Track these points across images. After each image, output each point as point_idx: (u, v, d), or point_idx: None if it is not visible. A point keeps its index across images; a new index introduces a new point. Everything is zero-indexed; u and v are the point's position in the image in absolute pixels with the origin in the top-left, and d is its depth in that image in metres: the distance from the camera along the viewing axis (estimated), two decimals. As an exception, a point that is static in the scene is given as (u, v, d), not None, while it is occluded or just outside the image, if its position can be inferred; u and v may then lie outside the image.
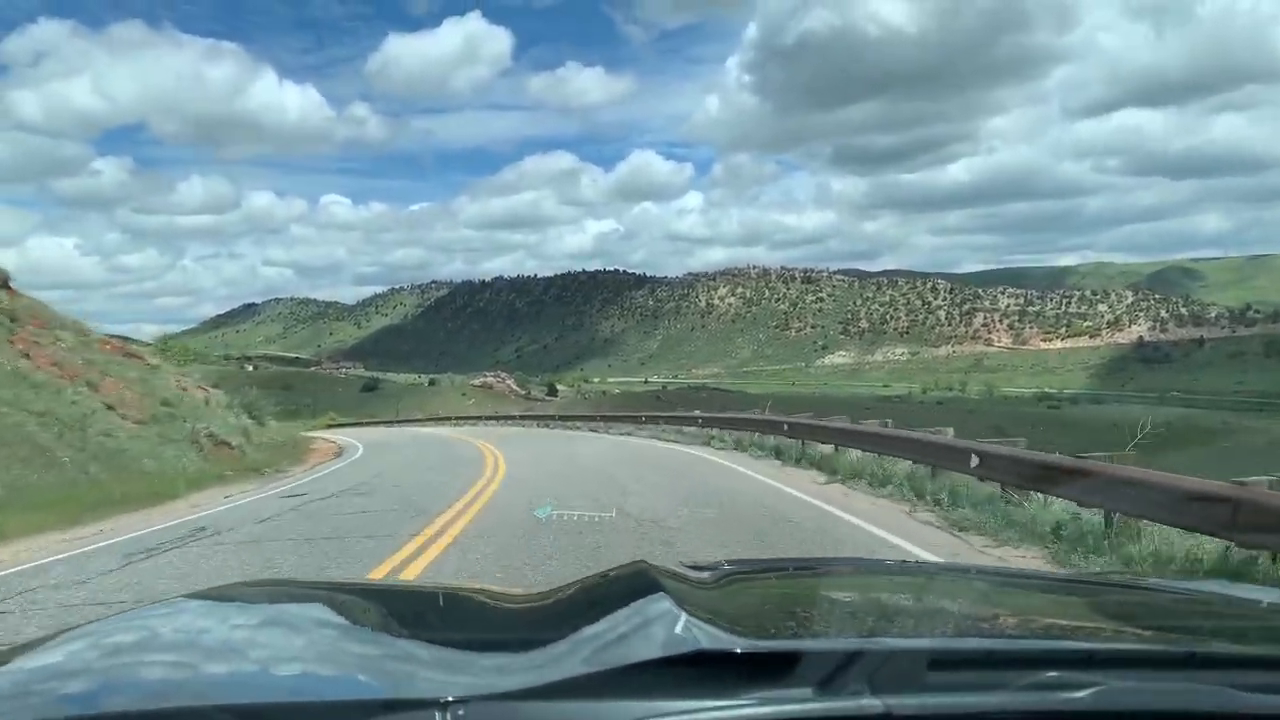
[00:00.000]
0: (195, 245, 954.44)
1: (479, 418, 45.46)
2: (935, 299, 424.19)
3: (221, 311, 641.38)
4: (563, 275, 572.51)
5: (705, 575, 1.66)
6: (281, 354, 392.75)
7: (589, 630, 1.26)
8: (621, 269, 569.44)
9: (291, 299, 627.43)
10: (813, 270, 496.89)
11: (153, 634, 1.49)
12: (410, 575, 7.63)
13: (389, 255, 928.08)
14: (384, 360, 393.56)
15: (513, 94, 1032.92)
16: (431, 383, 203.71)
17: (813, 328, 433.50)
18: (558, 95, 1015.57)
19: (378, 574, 7.72)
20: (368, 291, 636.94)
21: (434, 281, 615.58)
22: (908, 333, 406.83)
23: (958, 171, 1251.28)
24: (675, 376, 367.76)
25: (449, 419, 48.25)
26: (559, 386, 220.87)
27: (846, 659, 1.04)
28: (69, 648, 1.41)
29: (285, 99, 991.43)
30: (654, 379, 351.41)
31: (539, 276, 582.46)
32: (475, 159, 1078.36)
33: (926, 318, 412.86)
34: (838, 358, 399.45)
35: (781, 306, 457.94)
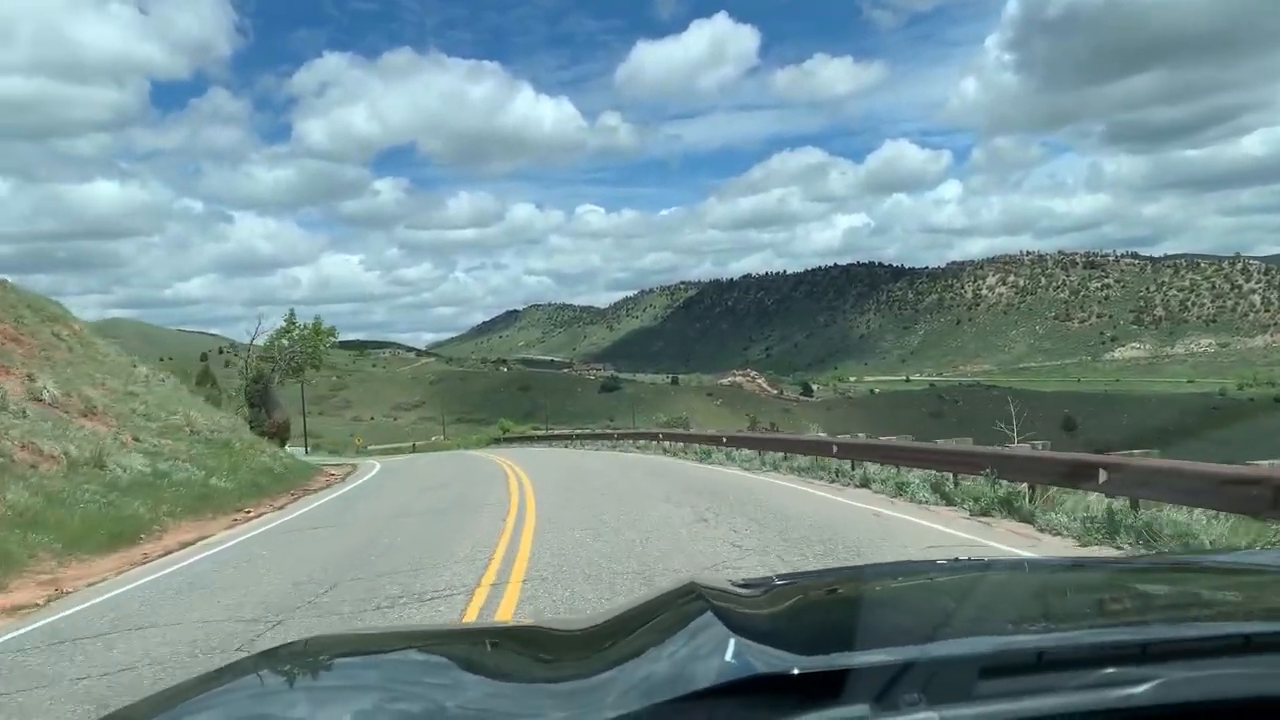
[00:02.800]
0: (464, 257, 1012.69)
1: (686, 437, 30.22)
2: (1248, 282, 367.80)
3: (488, 318, 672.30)
4: (813, 270, 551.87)
5: (755, 592, 1.64)
6: (538, 357, 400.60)
7: (641, 661, 1.24)
8: (877, 261, 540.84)
9: (550, 304, 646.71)
10: (1096, 254, 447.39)
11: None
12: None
13: (640, 260, 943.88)
14: (635, 361, 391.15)
15: (759, 92, 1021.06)
16: (674, 382, 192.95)
17: (1099, 317, 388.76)
18: (805, 89, 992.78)
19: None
20: (619, 296, 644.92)
21: (683, 282, 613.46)
22: (1214, 321, 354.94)
23: (1252, 144, 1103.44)
24: (940, 374, 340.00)
25: (655, 436, 33.27)
26: (813, 386, 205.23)
27: (899, 671, 1.02)
28: None
29: (542, 113, 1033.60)
30: (916, 377, 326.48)
31: (788, 273, 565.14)
32: (722, 160, 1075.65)
33: (1237, 304, 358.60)
34: (1129, 350, 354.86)
35: (1060, 295, 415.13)
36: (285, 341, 50.25)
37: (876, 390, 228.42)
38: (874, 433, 19.38)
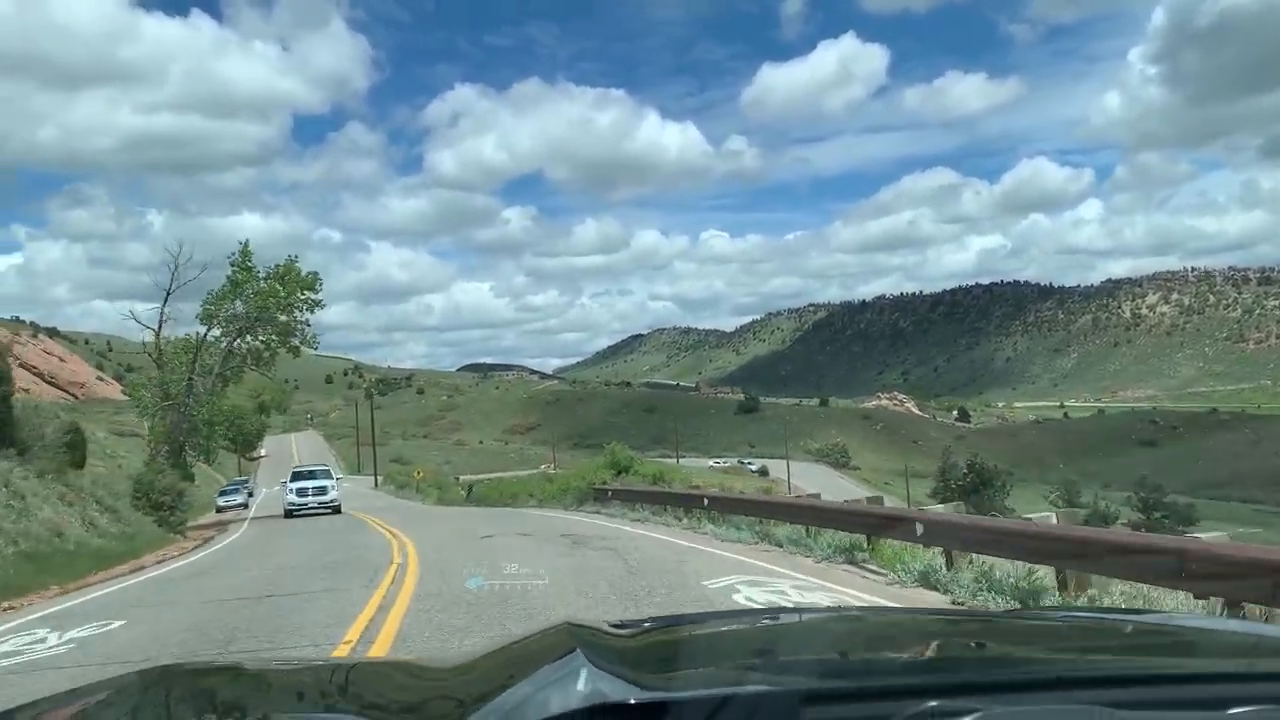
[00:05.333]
0: (590, 283, 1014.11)
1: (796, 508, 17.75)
2: None
3: (612, 343, 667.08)
4: (952, 290, 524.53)
5: (626, 632, 1.70)
6: (663, 381, 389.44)
7: (502, 691, 1.29)
8: (1022, 280, 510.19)
9: (674, 329, 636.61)
10: (1272, 270, 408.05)
11: None
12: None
13: (765, 285, 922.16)
14: (762, 385, 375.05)
15: (888, 113, 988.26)
16: (823, 404, 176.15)
17: (1279, 338, 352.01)
18: (936, 108, 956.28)
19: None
20: (744, 320, 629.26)
21: (811, 305, 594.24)
22: None
23: None
24: (1097, 399, 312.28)
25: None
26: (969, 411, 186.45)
27: (727, 701, 1.08)
28: None
29: (668, 139, 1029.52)
30: (1071, 404, 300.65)
31: (925, 294, 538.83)
32: (850, 183, 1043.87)
33: None
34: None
35: (1232, 314, 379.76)
36: (238, 303, 32.27)
37: (1037, 419, 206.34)
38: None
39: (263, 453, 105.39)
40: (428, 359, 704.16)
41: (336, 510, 30.52)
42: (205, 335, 32.46)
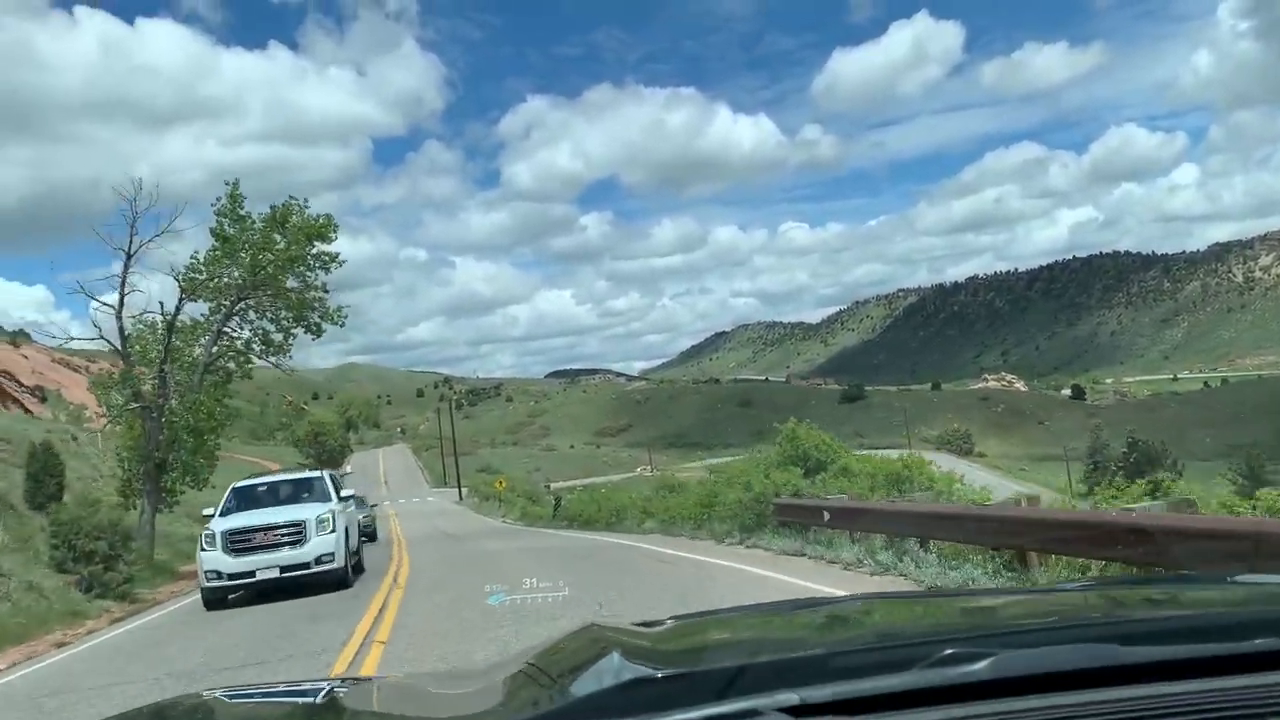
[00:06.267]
0: (670, 284, 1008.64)
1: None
2: None
3: (696, 343, 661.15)
4: (1049, 266, 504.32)
5: (647, 628, 1.77)
6: (751, 377, 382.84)
7: (531, 682, 1.37)
8: (1123, 250, 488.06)
9: (758, 324, 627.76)
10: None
11: None
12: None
13: (848, 274, 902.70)
14: (856, 375, 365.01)
15: (966, 90, 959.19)
16: (935, 388, 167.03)
17: None
18: (1016, 81, 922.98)
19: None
20: (830, 311, 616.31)
21: (900, 290, 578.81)
22: None
23: None
24: (1214, 370, 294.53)
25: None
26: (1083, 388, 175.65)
27: (756, 667, 1.15)
28: None
29: (741, 134, 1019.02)
30: (1184, 375, 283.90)
31: (1020, 271, 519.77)
32: (931, 165, 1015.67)
33: None
34: None
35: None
36: (224, 260, 23.21)
37: (1154, 393, 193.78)
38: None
39: (348, 469, 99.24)
40: (515, 369, 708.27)
41: (341, 581, 14.49)
42: (179, 308, 22.82)
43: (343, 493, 16.49)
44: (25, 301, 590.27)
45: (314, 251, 23.76)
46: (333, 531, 14.36)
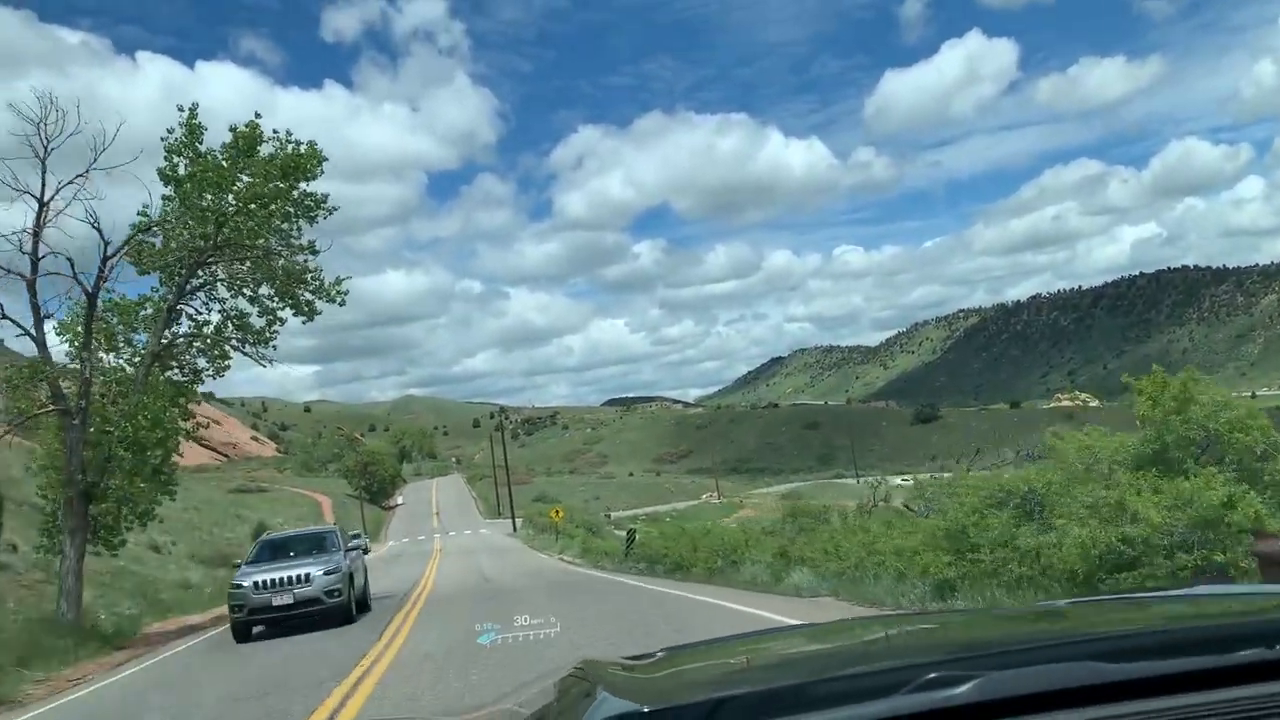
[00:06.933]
0: (724, 310, 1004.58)
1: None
2: None
3: (751, 369, 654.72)
4: (1114, 283, 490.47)
5: (637, 662, 1.78)
6: (810, 402, 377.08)
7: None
8: (1192, 264, 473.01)
9: (815, 348, 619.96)
10: None
11: None
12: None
13: (904, 296, 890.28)
14: (918, 398, 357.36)
15: (1022, 107, 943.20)
16: (1014, 406, 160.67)
17: None
18: (1073, 97, 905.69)
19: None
20: (888, 334, 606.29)
21: (960, 311, 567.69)
22: None
23: None
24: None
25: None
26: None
27: (741, 698, 1.15)
28: None
29: (792, 158, 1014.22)
30: (1263, 392, 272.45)
31: (1084, 288, 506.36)
32: (987, 184, 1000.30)
33: None
34: None
35: None
36: (177, 213, 18.00)
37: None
38: None
39: (399, 500, 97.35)
40: (571, 398, 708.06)
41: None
42: (103, 274, 17.16)
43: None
44: None
45: (294, 194, 18.46)
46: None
